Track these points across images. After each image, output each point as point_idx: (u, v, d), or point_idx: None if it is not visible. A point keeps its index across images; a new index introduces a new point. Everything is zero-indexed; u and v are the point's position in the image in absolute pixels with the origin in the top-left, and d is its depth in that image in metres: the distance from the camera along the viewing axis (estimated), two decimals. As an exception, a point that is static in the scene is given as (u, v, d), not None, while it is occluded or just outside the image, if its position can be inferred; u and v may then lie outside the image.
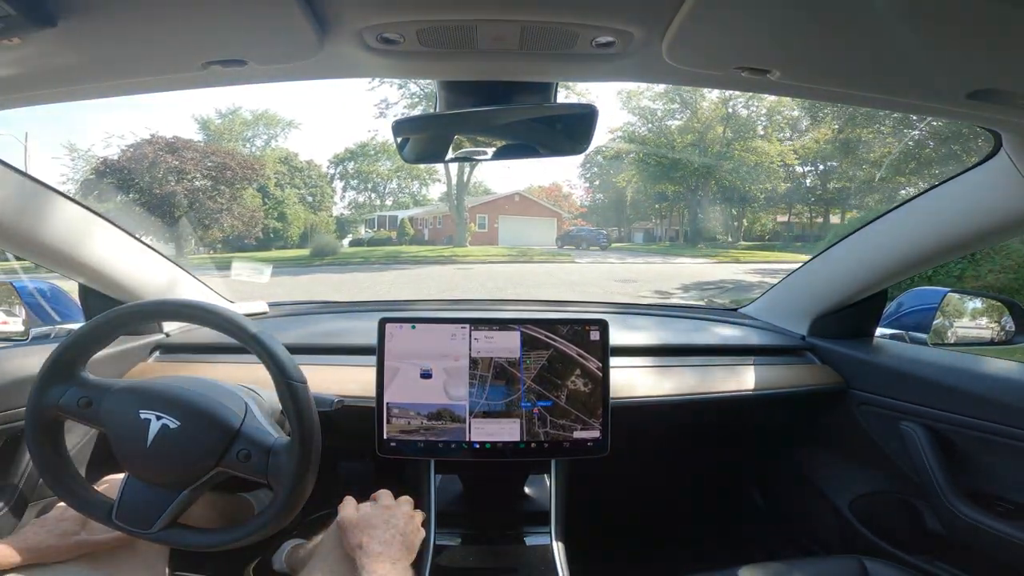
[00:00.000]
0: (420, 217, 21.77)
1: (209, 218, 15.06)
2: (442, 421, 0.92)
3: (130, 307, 0.70)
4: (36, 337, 1.01)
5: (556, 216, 22.21)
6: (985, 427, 0.91)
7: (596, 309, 1.55)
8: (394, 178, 22.89)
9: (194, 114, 20.91)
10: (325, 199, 20.42)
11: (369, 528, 0.67)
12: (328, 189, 20.86)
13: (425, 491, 0.96)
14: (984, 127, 0.73)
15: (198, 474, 0.65)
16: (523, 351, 0.93)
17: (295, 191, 18.80)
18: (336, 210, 21.51)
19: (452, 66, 0.61)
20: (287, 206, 18.29)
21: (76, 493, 0.67)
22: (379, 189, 23.13)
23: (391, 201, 23.30)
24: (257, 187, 17.13)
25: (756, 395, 1.10)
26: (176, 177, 14.35)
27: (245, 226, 16.04)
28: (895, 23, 0.46)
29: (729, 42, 0.52)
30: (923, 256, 0.98)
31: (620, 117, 22.58)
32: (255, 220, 16.39)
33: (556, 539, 0.91)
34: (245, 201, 16.26)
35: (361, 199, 23.21)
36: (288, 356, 0.66)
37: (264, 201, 17.38)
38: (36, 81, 0.58)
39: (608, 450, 0.92)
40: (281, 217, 18.00)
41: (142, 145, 14.32)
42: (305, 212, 18.84)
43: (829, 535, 1.22)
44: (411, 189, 23.85)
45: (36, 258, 0.91)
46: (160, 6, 0.46)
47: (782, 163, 17.05)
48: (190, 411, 0.65)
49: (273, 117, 19.87)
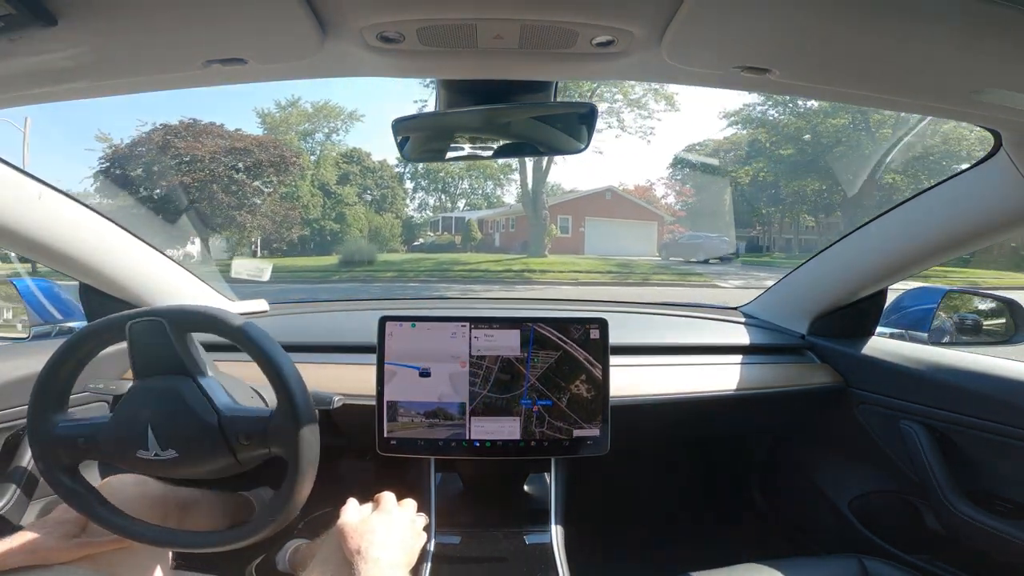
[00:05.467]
0: (490, 219, 19.09)
1: (223, 215, 13.78)
2: (442, 419, 0.92)
3: (92, 326, 0.68)
4: (37, 336, 1.01)
5: (656, 219, 18.39)
6: (985, 426, 0.91)
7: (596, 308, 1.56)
8: (466, 177, 20.86)
9: (256, 107, 19.05)
10: (396, 200, 18.65)
11: (369, 533, 0.67)
12: (399, 189, 18.96)
13: (425, 489, 0.96)
14: (984, 126, 0.73)
15: (232, 472, 0.68)
16: (531, 349, 0.93)
17: (354, 189, 17.18)
18: (404, 211, 19.56)
19: (452, 65, 0.61)
20: (346, 206, 16.59)
21: (123, 527, 0.68)
22: (450, 190, 21.12)
23: (463, 203, 21.36)
24: (318, 184, 15.67)
25: (756, 394, 1.10)
26: (187, 167, 13.29)
27: (276, 227, 14.53)
28: (895, 22, 0.46)
29: (729, 41, 0.52)
30: (923, 255, 0.98)
31: (736, 100, 18.14)
32: (289, 220, 14.76)
33: (556, 537, 0.92)
34: (296, 195, 14.72)
35: (432, 200, 21.23)
36: (272, 342, 0.66)
37: (325, 200, 15.86)
38: (36, 80, 0.58)
39: (608, 449, 0.93)
40: (340, 218, 16.28)
41: (156, 131, 13.28)
42: (367, 213, 17.11)
43: (829, 534, 1.22)
44: (484, 190, 21.66)
45: (36, 256, 0.91)
46: (161, 5, 0.46)
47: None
48: (176, 437, 0.65)
49: (333, 109, 18.10)
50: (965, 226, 0.88)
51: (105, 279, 1.02)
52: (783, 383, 1.13)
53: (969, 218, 0.87)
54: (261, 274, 1.77)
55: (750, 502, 1.49)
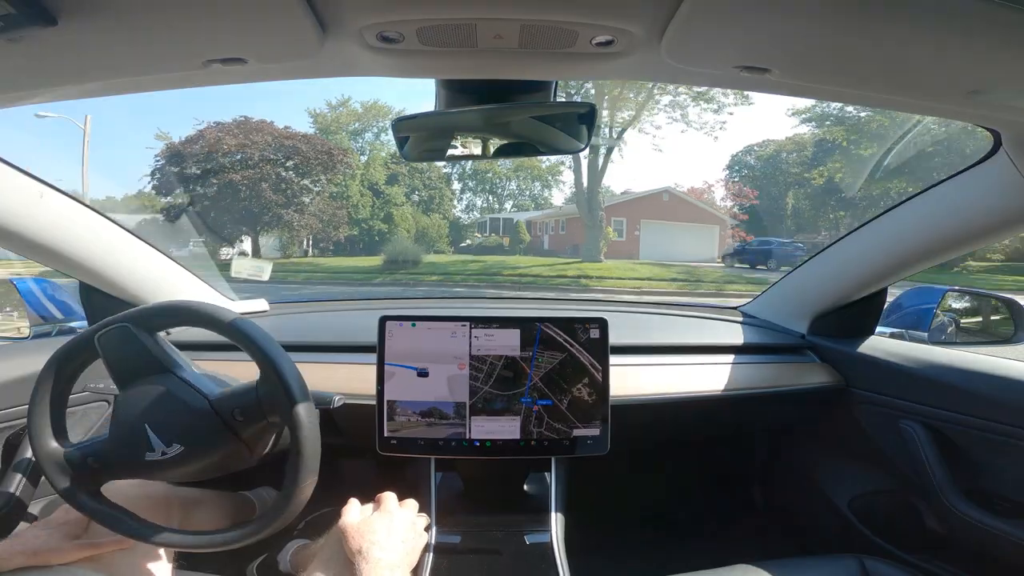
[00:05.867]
0: (539, 221, 18.32)
1: (271, 213, 13.47)
2: (442, 419, 0.92)
3: (63, 348, 0.68)
4: (37, 335, 1.01)
5: (718, 222, 16.92)
6: (985, 426, 0.91)
7: (596, 308, 1.56)
8: (514, 178, 20.39)
9: (308, 107, 19.04)
10: (444, 201, 18.25)
11: (371, 533, 0.67)
12: (447, 190, 18.56)
13: (425, 489, 0.96)
14: (983, 126, 0.73)
15: (244, 461, 0.69)
16: (536, 349, 0.93)
17: (402, 189, 16.84)
18: (451, 212, 19.06)
19: (452, 65, 0.61)
20: (394, 206, 16.22)
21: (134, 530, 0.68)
22: (497, 191, 20.65)
23: (510, 204, 20.82)
24: (367, 184, 15.34)
25: (756, 394, 1.11)
26: (238, 164, 13.21)
27: (323, 226, 14.26)
28: (895, 22, 0.46)
29: (728, 41, 0.52)
30: (923, 254, 0.98)
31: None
32: (337, 219, 14.42)
33: (556, 537, 0.92)
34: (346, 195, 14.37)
35: (479, 202, 20.69)
36: (236, 315, 0.67)
37: (374, 199, 15.50)
38: (36, 80, 0.58)
39: (608, 449, 0.93)
40: (388, 218, 15.98)
41: (209, 128, 13.19)
42: (415, 213, 16.77)
43: (829, 534, 1.22)
44: (532, 191, 21.07)
45: (36, 256, 0.91)
46: (161, 5, 0.46)
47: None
48: (176, 431, 0.65)
49: (382, 108, 17.85)
50: (965, 226, 0.89)
51: (105, 279, 1.02)
52: (783, 383, 1.13)
53: (969, 218, 0.87)
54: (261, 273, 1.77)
55: (750, 502, 1.49)
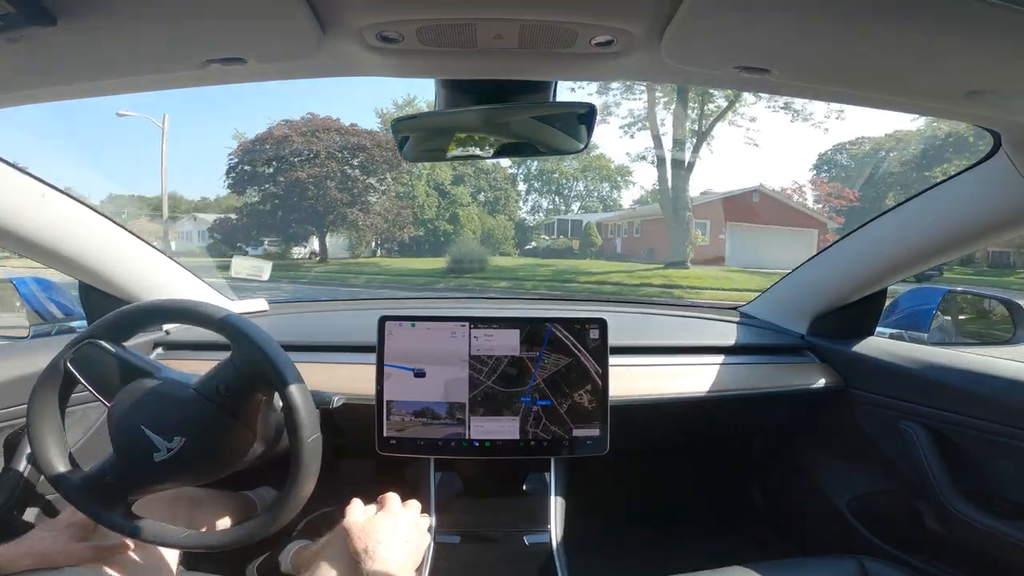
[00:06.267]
0: (610, 222, 17.13)
1: (336, 212, 13.25)
2: (441, 419, 0.92)
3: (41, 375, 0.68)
4: (37, 334, 1.01)
5: (818, 225, 15.05)
6: (985, 427, 0.91)
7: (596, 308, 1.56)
8: (581, 179, 19.50)
9: (375, 107, 18.92)
10: (509, 202, 17.60)
11: (376, 533, 0.68)
12: (512, 191, 17.95)
13: (425, 489, 0.96)
14: (983, 127, 0.73)
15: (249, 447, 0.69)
16: (544, 351, 0.93)
17: (468, 189, 16.32)
18: (517, 214, 18.39)
19: (452, 65, 0.61)
20: (460, 206, 15.64)
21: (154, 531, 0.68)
22: (564, 192, 19.82)
23: (577, 206, 20.05)
24: (433, 184, 14.97)
25: (755, 394, 1.10)
26: (305, 162, 13.10)
27: (388, 225, 14.02)
28: (894, 22, 0.46)
29: (728, 41, 0.52)
30: (922, 255, 0.98)
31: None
32: (402, 219, 14.10)
33: (555, 537, 0.92)
34: (412, 194, 14.00)
35: (545, 203, 19.83)
36: (220, 309, 0.67)
37: (440, 199, 15.04)
38: (36, 79, 0.58)
39: (607, 449, 0.93)
40: (453, 219, 15.44)
41: (278, 126, 13.14)
42: (480, 214, 16.18)
43: (828, 534, 1.22)
44: (600, 192, 20.16)
45: (36, 256, 0.91)
46: (160, 5, 0.46)
47: None
48: (173, 424, 0.65)
49: None
50: (964, 226, 0.88)
51: (104, 279, 1.02)
52: (782, 383, 1.13)
53: (968, 218, 0.87)
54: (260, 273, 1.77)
55: (750, 502, 1.49)
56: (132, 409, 0.66)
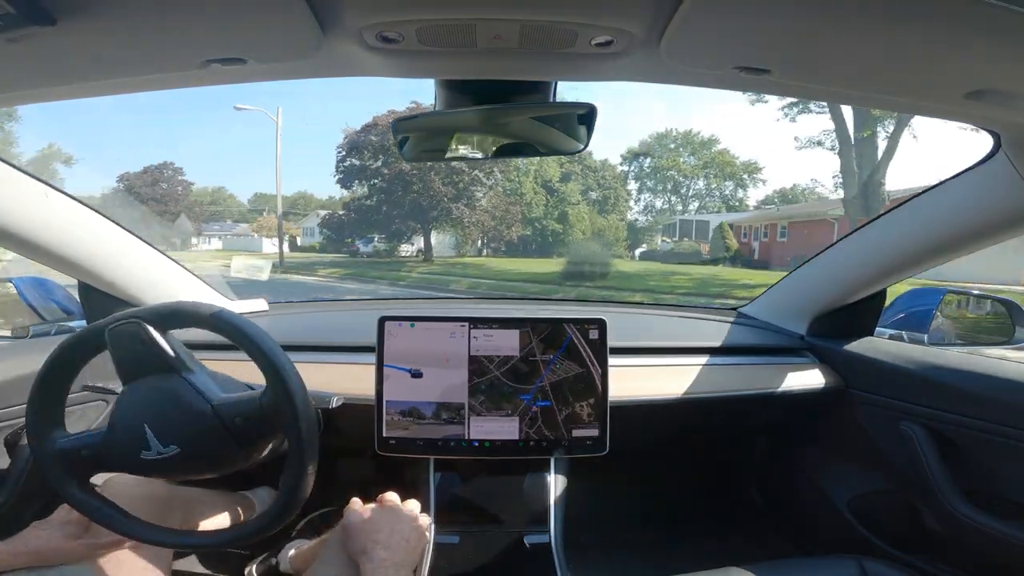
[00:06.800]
0: (745, 224, 15.08)
1: (440, 208, 12.49)
2: (441, 419, 0.92)
3: (71, 338, 0.68)
4: (36, 334, 1.01)
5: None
6: (984, 427, 0.91)
7: (595, 308, 1.56)
8: (700, 176, 17.97)
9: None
10: (619, 201, 16.68)
11: (374, 532, 0.68)
12: (622, 190, 17.05)
13: (424, 489, 0.96)
14: (983, 127, 0.73)
15: (238, 465, 0.68)
16: (542, 350, 0.93)
17: (577, 186, 15.37)
18: (627, 214, 17.19)
19: (452, 65, 0.61)
20: (569, 204, 14.60)
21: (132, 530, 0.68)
22: (680, 190, 18.43)
23: (695, 205, 18.62)
24: (540, 181, 14.05)
25: (755, 395, 1.10)
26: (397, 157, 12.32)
27: (496, 223, 13.22)
28: (894, 23, 0.46)
29: (728, 42, 0.52)
30: (922, 256, 0.98)
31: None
32: (510, 217, 13.18)
33: (555, 538, 0.92)
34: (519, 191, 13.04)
35: (659, 203, 18.47)
36: (252, 325, 0.66)
37: (548, 197, 14.01)
38: (35, 79, 0.58)
39: (607, 449, 0.93)
40: (562, 217, 14.56)
41: (382, 116, 12.76)
42: (591, 213, 15.32)
43: (828, 535, 1.22)
44: (723, 191, 18.56)
45: (37, 257, 0.91)
46: (160, 5, 0.46)
47: None
48: (175, 432, 0.65)
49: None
50: (964, 227, 0.89)
51: (104, 279, 1.02)
52: (782, 384, 1.13)
53: (968, 219, 0.87)
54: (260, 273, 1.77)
55: (750, 502, 1.49)
56: (143, 404, 0.65)
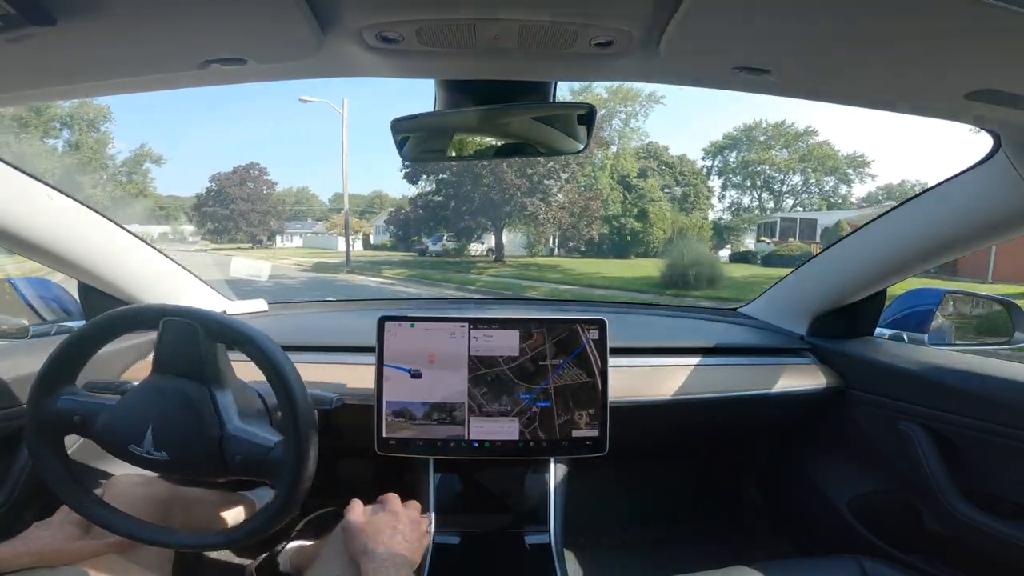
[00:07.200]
0: (857, 223, 11.61)
1: (514, 203, 11.28)
2: (441, 420, 0.92)
3: (128, 310, 0.68)
4: (36, 335, 1.01)
5: None
6: (984, 427, 0.91)
7: (595, 309, 1.56)
8: (797, 171, 16.07)
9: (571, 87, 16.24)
10: (700, 199, 15.49)
11: (375, 534, 0.68)
12: (703, 187, 15.77)
13: (424, 489, 0.96)
14: (983, 127, 0.73)
15: (212, 481, 0.67)
16: (545, 350, 0.93)
17: (658, 182, 14.20)
18: (711, 212, 15.80)
19: (451, 65, 0.61)
20: (649, 201, 13.37)
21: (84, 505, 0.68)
22: (773, 186, 16.83)
23: (791, 201, 17.05)
24: (617, 176, 12.97)
25: (755, 395, 1.10)
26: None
27: (575, 220, 12.08)
28: (894, 23, 0.46)
29: (728, 42, 0.52)
30: (922, 256, 0.98)
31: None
32: (590, 213, 12.01)
33: (555, 538, 0.92)
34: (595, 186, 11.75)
35: (746, 200, 16.93)
36: (277, 348, 0.65)
37: (624, 193, 12.86)
38: (35, 80, 0.58)
39: (607, 450, 0.93)
40: (642, 215, 13.45)
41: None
42: (673, 212, 14.22)
43: (828, 535, 1.22)
44: (823, 186, 16.79)
45: (38, 258, 0.91)
46: (160, 5, 0.46)
47: None
48: (174, 442, 0.64)
49: (629, 91, 15.35)
50: (964, 228, 0.89)
51: (105, 279, 1.02)
52: (782, 384, 1.13)
53: (968, 220, 0.87)
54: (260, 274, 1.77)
55: (750, 502, 1.49)
56: (160, 402, 0.65)
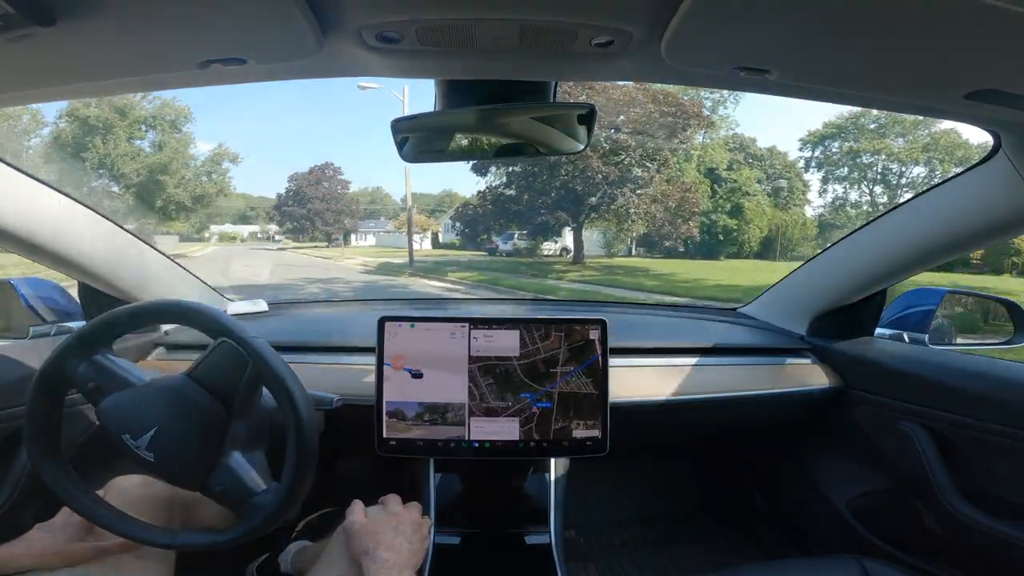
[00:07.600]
0: None
1: (600, 194, 10.01)
2: (441, 420, 0.92)
3: (201, 311, 0.68)
4: (36, 335, 1.01)
5: None
6: (984, 427, 0.91)
7: (595, 309, 1.56)
8: (921, 160, 14.26)
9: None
10: (795, 193, 14.21)
11: (376, 535, 0.68)
12: (797, 181, 14.49)
13: (425, 490, 0.96)
14: (983, 127, 0.73)
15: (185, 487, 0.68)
16: (536, 349, 0.93)
17: (753, 174, 12.85)
18: (808, 209, 14.34)
19: (451, 65, 0.61)
20: (744, 195, 12.02)
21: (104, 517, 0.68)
22: (888, 178, 15.03)
23: (909, 195, 13.14)
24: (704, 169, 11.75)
25: (755, 395, 1.10)
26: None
27: (669, 215, 10.83)
28: (894, 23, 0.46)
29: (728, 42, 0.52)
30: (922, 256, 0.98)
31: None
32: (685, 208, 10.66)
33: (555, 539, 0.92)
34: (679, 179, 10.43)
35: (853, 195, 15.26)
36: (288, 370, 0.65)
37: (713, 188, 11.49)
38: (35, 80, 0.58)
39: (607, 450, 0.93)
40: (736, 211, 12.28)
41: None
42: (770, 208, 12.97)
43: (828, 535, 1.22)
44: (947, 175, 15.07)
45: (38, 258, 0.91)
46: (159, 5, 0.46)
47: None
48: (169, 450, 0.64)
49: None
50: (964, 228, 0.89)
51: (105, 280, 1.02)
52: (782, 384, 1.13)
53: (968, 220, 0.87)
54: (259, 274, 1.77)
55: (750, 502, 1.49)
56: (177, 407, 0.65)
